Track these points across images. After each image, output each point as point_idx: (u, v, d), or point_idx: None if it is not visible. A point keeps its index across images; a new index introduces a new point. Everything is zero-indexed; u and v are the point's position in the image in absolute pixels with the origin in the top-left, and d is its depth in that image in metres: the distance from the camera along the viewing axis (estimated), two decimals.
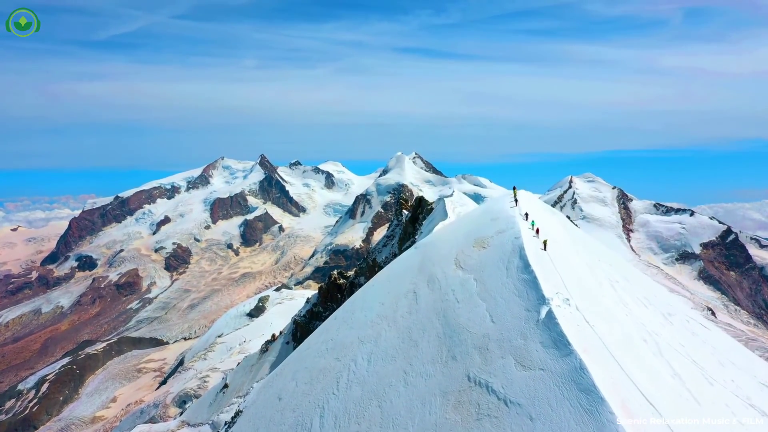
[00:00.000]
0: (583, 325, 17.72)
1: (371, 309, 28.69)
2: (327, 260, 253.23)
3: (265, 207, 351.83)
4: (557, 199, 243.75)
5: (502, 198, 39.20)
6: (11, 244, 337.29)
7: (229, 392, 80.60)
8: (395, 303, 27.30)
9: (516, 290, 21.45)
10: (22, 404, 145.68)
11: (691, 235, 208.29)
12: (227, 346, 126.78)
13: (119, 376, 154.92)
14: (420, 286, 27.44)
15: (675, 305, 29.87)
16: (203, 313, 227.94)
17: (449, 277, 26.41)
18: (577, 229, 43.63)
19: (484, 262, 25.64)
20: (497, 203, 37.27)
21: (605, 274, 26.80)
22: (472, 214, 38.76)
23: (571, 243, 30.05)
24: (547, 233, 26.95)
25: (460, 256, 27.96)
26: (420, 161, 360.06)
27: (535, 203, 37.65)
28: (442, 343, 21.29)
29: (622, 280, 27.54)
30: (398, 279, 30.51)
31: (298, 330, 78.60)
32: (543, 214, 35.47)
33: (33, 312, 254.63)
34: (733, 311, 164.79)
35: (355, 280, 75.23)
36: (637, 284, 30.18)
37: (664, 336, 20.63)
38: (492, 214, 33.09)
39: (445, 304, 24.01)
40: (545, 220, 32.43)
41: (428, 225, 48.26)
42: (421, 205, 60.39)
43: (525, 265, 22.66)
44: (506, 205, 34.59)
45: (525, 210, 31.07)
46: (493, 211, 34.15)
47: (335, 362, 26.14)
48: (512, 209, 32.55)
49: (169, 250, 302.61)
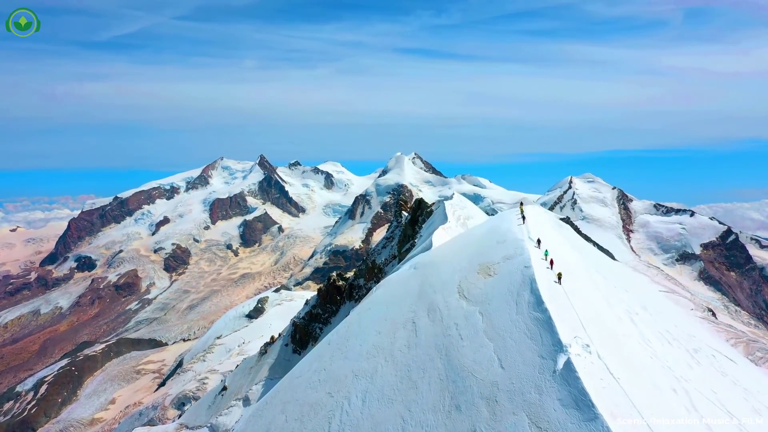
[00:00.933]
0: (607, 379, 15.89)
1: (367, 337, 26.74)
2: (326, 261, 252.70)
3: (264, 207, 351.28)
4: (557, 200, 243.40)
5: (508, 216, 36.31)
6: (10, 245, 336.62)
7: (228, 394, 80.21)
8: (393, 333, 25.39)
9: (528, 331, 19.43)
10: (21, 406, 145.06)
11: (692, 236, 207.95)
12: (226, 348, 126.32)
13: (118, 377, 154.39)
14: (420, 316, 25.44)
15: (698, 335, 27.94)
16: (202, 314, 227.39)
17: (452, 307, 24.39)
18: (586, 245, 41.47)
19: (491, 293, 23.59)
20: (503, 221, 34.46)
21: (623, 304, 25.01)
22: (476, 232, 35.63)
23: (584, 269, 28.05)
24: (559, 261, 25.17)
25: (463, 283, 25.72)
26: (419, 161, 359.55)
27: (543, 221, 35.46)
28: (445, 388, 19.48)
29: (641, 310, 25.67)
30: (396, 304, 28.29)
31: (297, 332, 78.20)
32: (551, 232, 33.34)
33: (32, 313, 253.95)
34: (733, 312, 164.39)
35: (354, 282, 74.79)
36: (656, 312, 28.15)
37: (693, 381, 19.02)
38: (498, 235, 30.68)
39: (448, 340, 22.08)
40: (555, 241, 30.23)
41: (428, 228, 47.75)
42: (421, 207, 59.97)
43: (537, 301, 20.68)
44: (513, 223, 32.18)
45: (535, 232, 28.89)
46: (499, 231, 31.61)
47: (327, 398, 24.34)
48: (519, 227, 30.39)
49: (168, 250, 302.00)
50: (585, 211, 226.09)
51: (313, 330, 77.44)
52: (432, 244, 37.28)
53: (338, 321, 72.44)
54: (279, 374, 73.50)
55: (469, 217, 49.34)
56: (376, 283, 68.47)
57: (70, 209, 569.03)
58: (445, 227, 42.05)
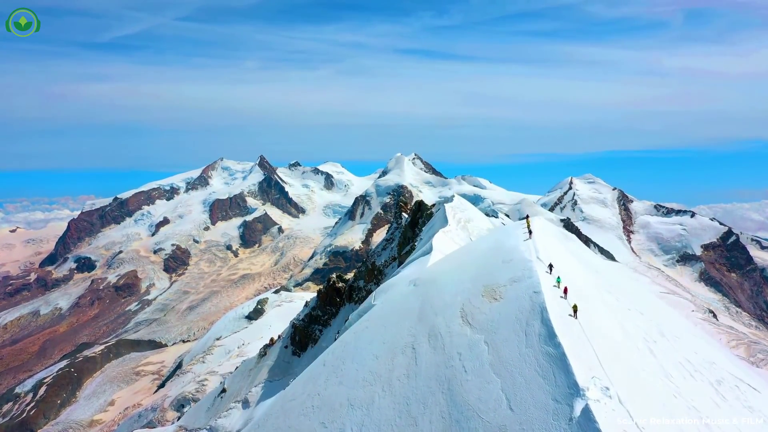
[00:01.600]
0: (630, 429, 14.50)
1: (364, 361, 25.21)
2: (326, 262, 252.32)
3: (264, 208, 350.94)
4: (557, 201, 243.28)
5: (513, 230, 34.01)
6: (10, 246, 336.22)
7: (227, 397, 79.90)
8: (391, 359, 23.89)
9: (539, 368, 17.76)
10: (20, 408, 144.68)
11: (692, 237, 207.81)
12: (226, 349, 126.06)
13: (117, 379, 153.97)
14: (420, 341, 23.88)
15: (718, 361, 26.22)
16: (202, 315, 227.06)
17: (454, 333, 22.75)
18: (594, 259, 39.63)
19: (497, 320, 21.92)
20: (508, 237, 32.16)
21: (640, 331, 23.49)
22: (479, 246, 33.47)
23: (596, 291, 26.40)
24: (570, 282, 23.35)
25: (467, 306, 24.09)
26: (419, 162, 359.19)
27: (550, 236, 33.57)
28: (447, 428, 18.04)
29: (659, 337, 24.21)
30: (395, 325, 26.67)
31: (297, 334, 77.87)
32: (559, 248, 31.30)
33: (31, 314, 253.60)
34: (734, 313, 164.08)
35: (354, 284, 74.51)
36: (674, 338, 26.38)
37: (720, 421, 17.79)
38: (503, 253, 28.49)
39: (451, 371, 20.43)
40: (564, 260, 28.37)
41: (428, 231, 47.35)
42: (421, 209, 59.64)
43: (549, 333, 18.94)
44: (519, 239, 30.12)
45: (543, 251, 27.02)
46: (504, 249, 29.40)
47: (321, 428, 23.05)
48: (526, 244, 28.45)
49: (168, 251, 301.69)
50: (585, 212, 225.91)
51: (313, 332, 77.13)
52: (432, 248, 36.76)
53: (338, 323, 72.15)
54: (278, 376, 73.19)
55: (470, 220, 48.92)
56: (375, 285, 68.19)
57: (70, 210, 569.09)
58: (446, 230, 41.57)
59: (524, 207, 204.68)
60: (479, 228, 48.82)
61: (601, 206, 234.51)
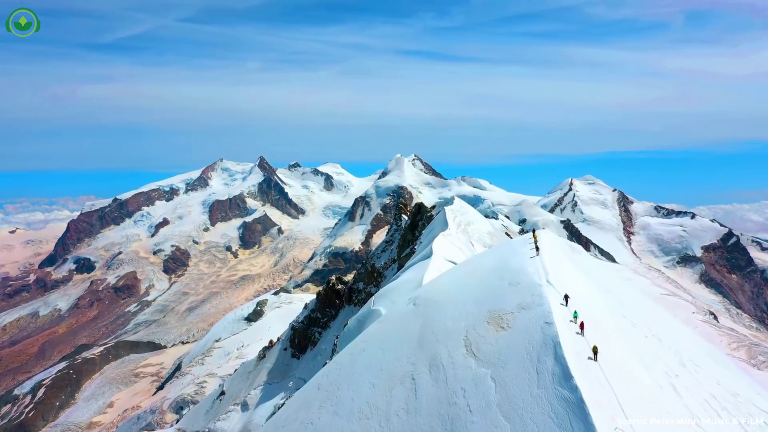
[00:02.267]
0: None
1: (360, 389, 23.70)
2: (326, 263, 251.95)
3: (264, 209, 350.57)
4: (557, 202, 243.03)
5: (519, 246, 31.56)
6: (9, 247, 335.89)
7: (226, 399, 79.56)
8: (389, 389, 22.25)
9: (554, 413, 16.19)
10: (18, 409, 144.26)
11: (692, 238, 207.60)
12: (225, 351, 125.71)
13: (116, 380, 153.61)
14: (420, 371, 22.27)
15: (742, 392, 24.85)
16: (201, 316, 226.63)
17: (458, 365, 21.05)
18: (603, 275, 37.54)
19: (505, 352, 20.25)
20: (515, 255, 29.71)
21: (660, 363, 22.31)
22: (483, 263, 30.87)
23: (611, 317, 24.82)
24: (582, 307, 21.65)
25: (471, 334, 22.37)
26: (419, 163, 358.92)
27: (558, 252, 31.37)
28: None
29: (680, 368, 23.09)
30: (393, 350, 24.94)
31: (296, 336, 77.55)
32: (568, 266, 29.29)
33: (30, 315, 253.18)
34: (735, 315, 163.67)
35: (353, 286, 74.20)
36: (695, 367, 25.10)
37: None
38: (510, 273, 26.23)
39: (454, 410, 18.92)
40: (575, 281, 26.50)
41: (428, 234, 46.94)
42: (421, 211, 59.29)
43: (564, 373, 17.26)
44: (525, 258, 27.91)
45: (553, 272, 25.07)
46: (510, 269, 27.04)
47: None
48: (534, 263, 26.44)
49: (168, 252, 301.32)
50: (585, 213, 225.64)
51: (312, 334, 76.79)
52: (432, 252, 36.28)
53: (337, 325, 71.80)
54: (277, 379, 72.89)
55: (470, 223, 48.50)
56: (375, 287, 67.87)
57: (70, 210, 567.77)
58: (446, 234, 41.03)
59: (524, 208, 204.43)
60: (479, 231, 48.40)
61: (602, 207, 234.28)
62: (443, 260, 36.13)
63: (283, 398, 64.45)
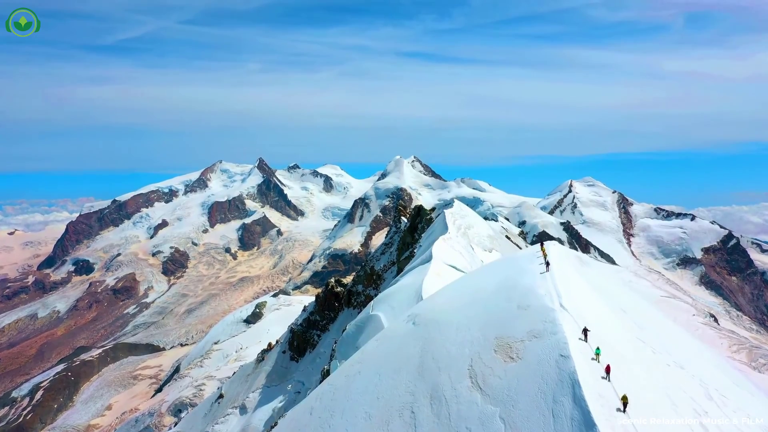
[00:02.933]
0: None
1: (355, 419, 21.95)
2: (325, 264, 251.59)
3: (263, 210, 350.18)
4: (557, 204, 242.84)
5: (526, 262, 28.97)
6: (8, 248, 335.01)
7: (225, 402, 79.08)
8: (386, 422, 20.45)
9: None
10: (16, 412, 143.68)
11: (692, 240, 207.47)
12: (224, 353, 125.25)
13: (114, 383, 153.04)
14: (420, 403, 20.35)
15: None
16: (200, 318, 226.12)
17: (462, 399, 19.14)
18: (616, 292, 35.00)
19: (515, 388, 18.24)
20: (522, 272, 27.17)
21: (687, 397, 20.46)
22: (487, 281, 27.99)
23: (631, 345, 22.74)
24: (597, 330, 19.88)
25: (476, 363, 20.27)
26: (419, 165, 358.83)
27: (568, 267, 29.16)
28: None
29: (707, 402, 21.30)
30: (391, 377, 22.92)
31: (295, 339, 77.13)
32: (579, 283, 27.25)
33: (29, 317, 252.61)
34: (735, 317, 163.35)
35: (352, 288, 73.77)
36: (723, 400, 23.06)
37: None
38: (518, 294, 23.89)
39: None
40: (586, 298, 24.75)
41: (428, 238, 46.56)
42: (420, 214, 58.92)
43: (586, 420, 15.27)
44: (535, 276, 25.66)
45: (565, 293, 22.96)
46: (518, 288, 24.62)
47: None
48: (544, 282, 24.18)
49: (167, 254, 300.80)
50: (585, 215, 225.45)
51: (311, 337, 76.35)
52: (432, 256, 35.84)
53: (336, 328, 71.37)
54: (276, 382, 72.41)
55: (470, 226, 48.09)
56: (375, 290, 67.45)
57: (69, 212, 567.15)
58: (446, 238, 40.55)
59: (524, 210, 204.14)
60: (480, 235, 47.94)
61: (601, 209, 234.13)
62: (443, 264, 35.58)
63: (281, 401, 64.05)
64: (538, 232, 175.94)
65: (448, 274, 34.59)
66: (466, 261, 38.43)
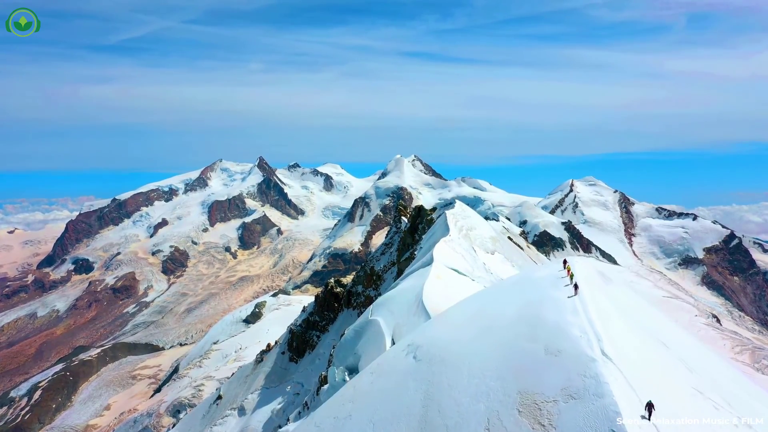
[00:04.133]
0: None
1: None
2: (325, 264, 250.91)
3: (263, 209, 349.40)
4: (558, 203, 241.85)
5: (549, 286, 23.85)
6: (8, 247, 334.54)
7: (223, 404, 78.45)
8: None
9: None
10: (14, 412, 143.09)
11: (694, 240, 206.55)
12: (223, 354, 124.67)
13: (113, 383, 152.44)
14: None
15: None
16: (200, 318, 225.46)
17: None
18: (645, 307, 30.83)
19: None
20: (545, 298, 22.34)
21: None
22: (504, 307, 23.07)
23: (692, 402, 18.20)
24: (654, 391, 15.55)
25: (494, 426, 15.99)
26: (419, 164, 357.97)
27: (597, 290, 24.42)
28: None
29: None
30: (387, 429, 18.92)
31: (294, 340, 76.44)
32: (608, 306, 22.62)
33: (28, 316, 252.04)
34: (737, 318, 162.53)
35: (352, 289, 73.01)
36: None
37: None
38: (544, 332, 19.12)
39: None
40: (627, 334, 20.46)
41: (428, 240, 45.68)
42: (421, 214, 58.07)
43: None
44: (560, 302, 21.29)
45: (607, 338, 18.06)
46: (544, 324, 19.75)
47: None
48: (575, 314, 19.84)
49: (167, 253, 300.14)
50: (586, 215, 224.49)
51: (310, 338, 75.66)
52: (433, 259, 34.96)
53: (336, 329, 70.63)
54: (275, 383, 71.72)
55: (472, 228, 47.15)
56: (375, 290, 66.68)
57: (69, 211, 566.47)
58: (447, 240, 39.61)
59: (525, 209, 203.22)
60: (482, 237, 47.00)
61: (603, 209, 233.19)
62: (444, 267, 34.68)
63: (280, 403, 63.36)
64: (539, 232, 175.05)
65: (449, 278, 33.65)
66: (468, 264, 37.47)
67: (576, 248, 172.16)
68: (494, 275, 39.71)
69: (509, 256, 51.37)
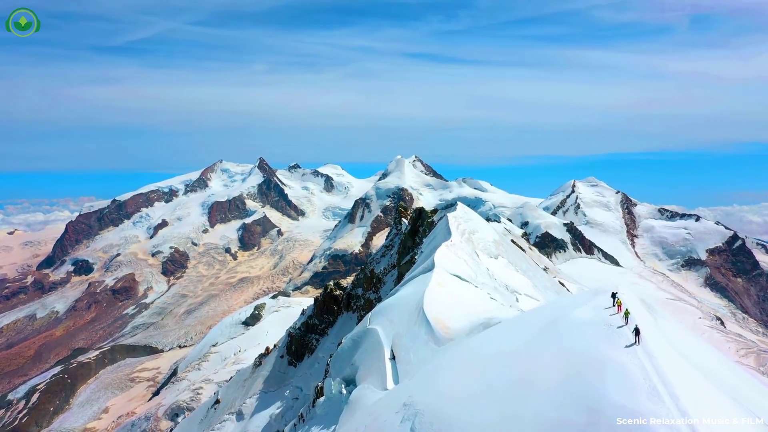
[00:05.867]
0: None
1: None
2: (325, 265, 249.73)
3: (263, 210, 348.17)
4: (560, 204, 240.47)
5: (594, 326, 18.61)
6: (7, 248, 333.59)
7: (221, 408, 77.36)
8: None
9: None
10: (12, 415, 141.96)
11: (697, 241, 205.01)
12: (222, 356, 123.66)
13: (112, 385, 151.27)
14: None
15: None
16: (200, 319, 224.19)
17: None
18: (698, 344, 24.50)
19: None
20: (602, 360, 15.52)
21: None
22: (536, 375, 16.44)
23: None
24: None
25: None
26: (420, 164, 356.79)
27: (661, 336, 18.61)
28: None
29: None
30: None
31: (293, 343, 75.28)
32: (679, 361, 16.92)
33: (28, 317, 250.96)
34: (741, 320, 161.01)
35: (352, 292, 71.84)
36: None
37: None
38: (606, 423, 12.76)
39: None
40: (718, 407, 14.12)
41: (429, 243, 44.37)
42: (421, 216, 56.79)
43: None
44: (624, 363, 14.98)
45: (687, 402, 12.87)
46: (608, 408, 13.13)
47: None
48: (640, 363, 14.81)
49: (167, 254, 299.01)
50: (588, 216, 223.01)
51: (309, 341, 74.56)
52: (434, 264, 33.65)
53: (335, 332, 69.47)
54: (273, 387, 70.56)
55: (474, 231, 45.82)
56: (374, 293, 65.48)
57: (70, 211, 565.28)
58: (449, 244, 38.30)
59: (526, 210, 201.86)
60: (485, 240, 45.65)
61: (605, 210, 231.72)
62: (446, 274, 33.40)
63: (279, 407, 62.21)
64: (541, 234, 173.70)
65: (451, 285, 32.31)
66: (471, 269, 36.16)
67: (578, 250, 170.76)
68: (498, 281, 38.48)
69: (513, 260, 49.98)
